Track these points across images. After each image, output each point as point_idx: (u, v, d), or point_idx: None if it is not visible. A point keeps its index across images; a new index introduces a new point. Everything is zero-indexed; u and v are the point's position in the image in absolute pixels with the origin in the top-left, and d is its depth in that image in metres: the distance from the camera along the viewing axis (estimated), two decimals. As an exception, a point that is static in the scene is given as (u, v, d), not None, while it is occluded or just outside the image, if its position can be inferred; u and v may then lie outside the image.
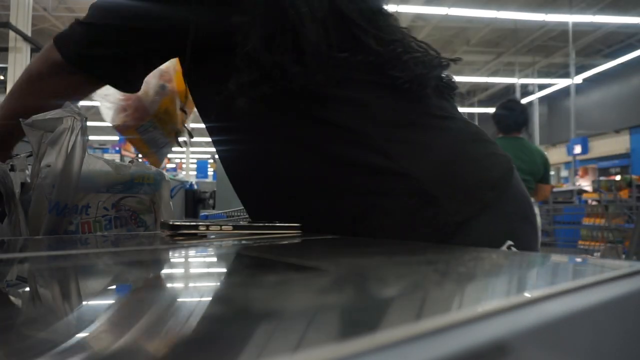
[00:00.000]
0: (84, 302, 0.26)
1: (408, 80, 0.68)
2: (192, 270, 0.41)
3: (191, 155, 18.06)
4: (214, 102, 0.70)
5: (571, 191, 8.02)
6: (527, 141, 3.18)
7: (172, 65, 1.06)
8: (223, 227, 0.61)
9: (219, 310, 0.23)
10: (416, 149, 0.66)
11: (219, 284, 0.34)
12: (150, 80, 1.02)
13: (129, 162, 0.85)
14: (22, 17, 7.05)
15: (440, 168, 0.65)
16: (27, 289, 0.32)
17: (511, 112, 2.99)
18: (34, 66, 0.75)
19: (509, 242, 0.65)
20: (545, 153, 3.21)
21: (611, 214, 5.31)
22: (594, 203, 6.35)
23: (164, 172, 0.92)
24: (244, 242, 0.55)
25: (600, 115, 14.00)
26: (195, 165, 16.81)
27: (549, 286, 0.23)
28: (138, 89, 0.76)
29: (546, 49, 13.60)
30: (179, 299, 0.27)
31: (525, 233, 0.70)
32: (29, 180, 0.76)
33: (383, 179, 0.65)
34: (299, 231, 0.65)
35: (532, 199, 3.00)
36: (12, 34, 6.96)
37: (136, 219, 0.85)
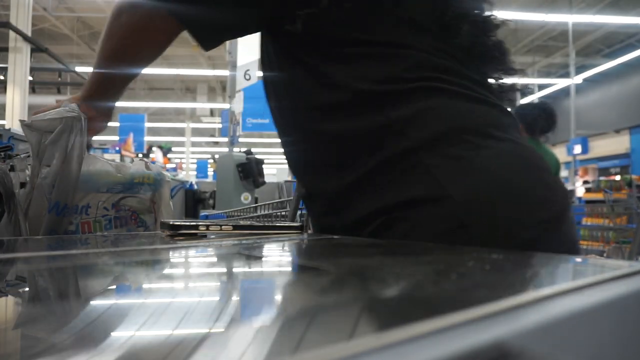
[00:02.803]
0: (83, 302, 0.26)
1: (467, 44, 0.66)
2: (192, 271, 0.41)
3: (191, 155, 18.07)
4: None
5: (571, 191, 8.04)
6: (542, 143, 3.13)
7: None
8: (223, 227, 0.61)
9: (219, 311, 0.23)
10: (460, 167, 0.59)
11: (219, 283, 0.34)
12: None
13: (129, 162, 0.85)
14: (22, 17, 7.06)
15: (480, 193, 0.58)
16: (27, 289, 0.32)
17: (554, 117, 2.95)
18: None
19: None
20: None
21: (614, 213, 5.30)
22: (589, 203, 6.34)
23: (164, 172, 0.92)
24: (244, 242, 0.55)
25: (600, 115, 13.98)
26: (195, 165, 16.81)
27: (549, 286, 0.23)
28: (213, 47, 0.70)
29: (546, 49, 13.59)
30: (179, 299, 0.27)
31: None
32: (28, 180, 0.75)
33: (416, 188, 0.59)
34: (299, 231, 0.65)
35: None
36: (12, 34, 6.97)
37: (136, 219, 0.84)
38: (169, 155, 13.14)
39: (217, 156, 4.65)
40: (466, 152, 0.59)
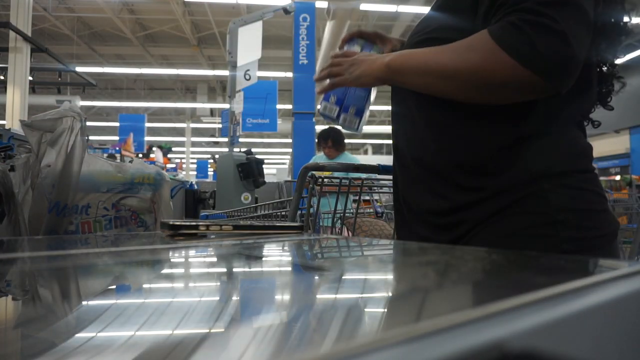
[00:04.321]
0: (83, 302, 0.26)
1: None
2: (192, 270, 0.41)
3: (191, 155, 18.06)
4: None
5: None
6: None
7: None
8: (223, 227, 0.61)
9: (219, 310, 0.23)
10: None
11: (219, 283, 0.34)
12: None
13: (129, 161, 0.85)
14: (22, 17, 7.07)
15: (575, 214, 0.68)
16: (26, 288, 0.32)
17: None
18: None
19: None
20: None
21: (614, 214, 5.26)
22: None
23: (164, 172, 0.92)
24: (244, 242, 0.55)
25: (600, 115, 14.00)
26: (195, 165, 16.81)
27: (550, 286, 0.23)
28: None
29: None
30: (179, 299, 0.27)
31: None
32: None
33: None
34: (299, 231, 0.65)
35: None
36: (12, 34, 6.97)
37: (136, 219, 0.84)
38: (169, 155, 13.14)
39: (217, 156, 4.64)
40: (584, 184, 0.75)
